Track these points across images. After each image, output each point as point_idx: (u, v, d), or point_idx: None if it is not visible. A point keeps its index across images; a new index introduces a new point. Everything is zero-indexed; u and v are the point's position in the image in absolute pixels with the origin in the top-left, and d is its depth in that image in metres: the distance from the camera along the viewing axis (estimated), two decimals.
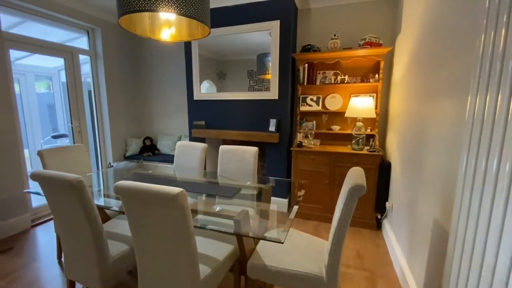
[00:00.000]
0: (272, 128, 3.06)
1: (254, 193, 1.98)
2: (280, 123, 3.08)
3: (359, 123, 2.79)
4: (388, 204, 2.59)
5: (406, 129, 2.14)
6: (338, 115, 3.19)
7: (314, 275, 1.36)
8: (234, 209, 1.64)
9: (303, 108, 3.17)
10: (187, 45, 3.39)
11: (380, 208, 2.71)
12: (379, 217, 2.76)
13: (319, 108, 3.13)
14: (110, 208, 1.61)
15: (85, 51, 3.58)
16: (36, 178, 1.43)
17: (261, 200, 1.88)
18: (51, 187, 1.40)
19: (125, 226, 1.84)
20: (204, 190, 1.94)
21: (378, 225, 2.80)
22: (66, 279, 1.69)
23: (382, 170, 2.65)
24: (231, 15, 3.11)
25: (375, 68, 2.95)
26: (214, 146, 3.65)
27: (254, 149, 2.40)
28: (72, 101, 3.44)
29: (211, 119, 3.47)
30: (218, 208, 1.63)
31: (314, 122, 3.23)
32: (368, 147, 2.79)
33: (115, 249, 1.57)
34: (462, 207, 1.03)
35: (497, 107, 0.85)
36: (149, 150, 4.10)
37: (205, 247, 1.58)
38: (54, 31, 3.33)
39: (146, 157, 3.97)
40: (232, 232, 1.33)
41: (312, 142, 3.06)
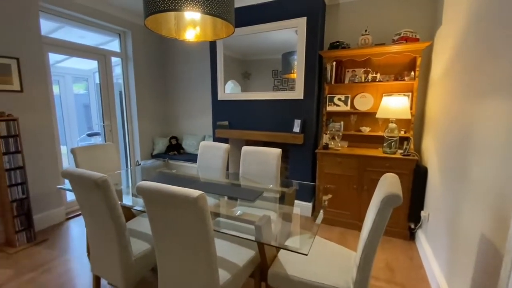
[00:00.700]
0: (296, 129, 2.96)
1: (276, 196, 1.91)
2: (305, 123, 2.97)
3: (392, 124, 2.59)
4: (423, 214, 2.38)
5: (446, 132, 1.93)
6: (368, 116, 3.00)
7: None
8: (256, 212, 1.58)
9: (330, 108, 3.03)
10: (212, 45, 3.40)
11: (414, 218, 2.50)
12: (412, 226, 2.54)
13: (347, 108, 2.97)
14: (133, 207, 1.63)
15: (116, 53, 3.75)
16: (66, 176, 1.48)
17: (283, 204, 1.80)
18: (79, 185, 1.45)
19: (149, 225, 1.86)
20: (226, 192, 1.90)
21: (411, 236, 2.58)
22: (92, 274, 1.74)
23: (417, 176, 2.43)
24: (256, 14, 3.06)
25: (411, 65, 2.72)
26: (238, 146, 3.62)
27: (277, 151, 2.32)
28: (105, 101, 3.62)
29: (234, 119, 3.45)
30: (239, 212, 1.58)
31: (342, 123, 3.07)
32: (401, 151, 2.59)
33: (138, 247, 1.59)
34: None
35: None
36: (174, 149, 4.20)
37: (225, 251, 1.54)
38: (89, 35, 3.52)
39: (172, 156, 4.07)
40: (253, 239, 1.27)
41: (339, 144, 2.91)
